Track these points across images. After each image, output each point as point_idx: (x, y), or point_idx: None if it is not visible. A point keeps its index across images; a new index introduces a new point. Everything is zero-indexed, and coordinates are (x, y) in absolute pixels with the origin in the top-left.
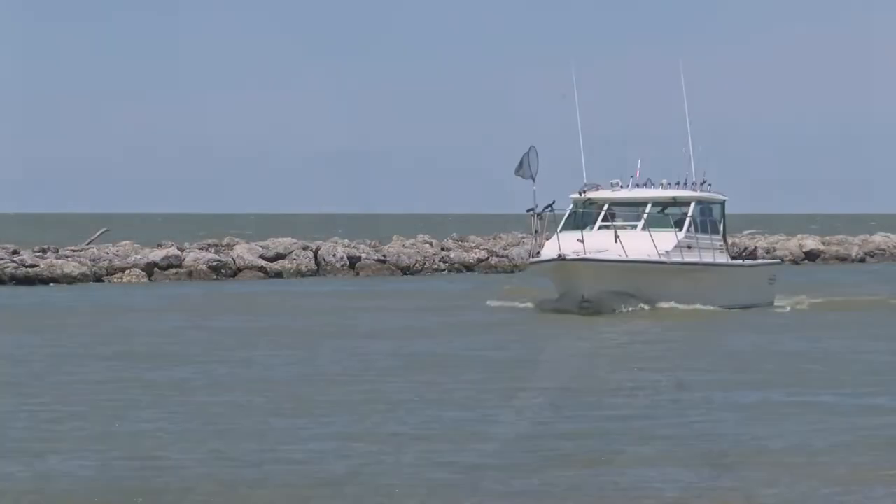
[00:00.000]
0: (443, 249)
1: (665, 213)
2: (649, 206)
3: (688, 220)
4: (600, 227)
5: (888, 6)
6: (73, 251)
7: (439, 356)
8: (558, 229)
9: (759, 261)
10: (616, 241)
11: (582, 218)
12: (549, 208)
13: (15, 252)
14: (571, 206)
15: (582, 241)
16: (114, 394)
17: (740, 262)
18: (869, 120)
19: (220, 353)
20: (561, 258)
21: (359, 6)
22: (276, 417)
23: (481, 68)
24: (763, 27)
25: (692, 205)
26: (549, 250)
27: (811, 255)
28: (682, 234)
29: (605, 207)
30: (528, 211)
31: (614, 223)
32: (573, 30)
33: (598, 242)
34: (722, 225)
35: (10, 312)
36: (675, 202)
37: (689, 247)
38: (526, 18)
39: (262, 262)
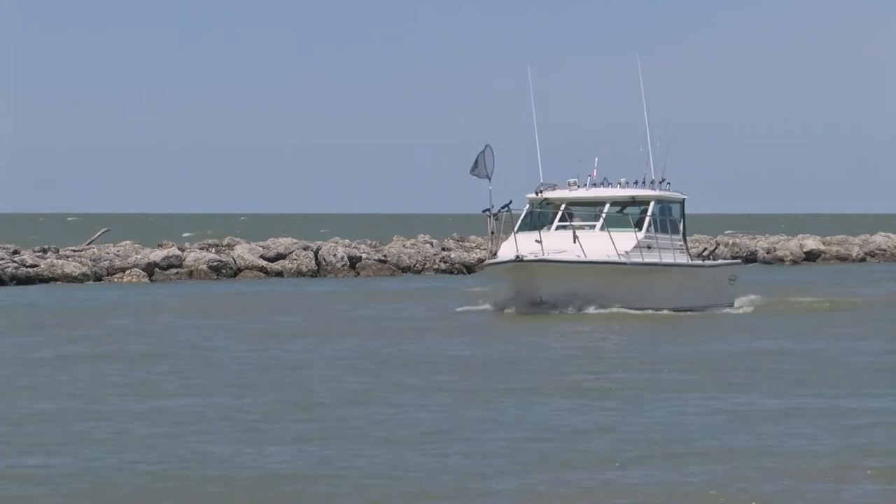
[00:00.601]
0: (443, 249)
1: (624, 213)
2: (607, 205)
3: (647, 219)
4: (558, 228)
5: (865, 7)
6: (74, 251)
7: (405, 357)
8: (514, 230)
9: (720, 261)
10: (575, 242)
11: (538, 218)
12: (506, 208)
13: (16, 252)
14: (527, 206)
15: (540, 241)
16: (80, 392)
17: (700, 262)
18: (848, 120)
19: (191, 352)
20: (519, 259)
21: (349, 8)
22: (240, 416)
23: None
24: (737, 28)
25: (651, 204)
26: (507, 251)
27: (812, 255)
28: (641, 234)
29: (563, 207)
30: (483, 211)
31: (572, 223)
32: (532, 30)
33: (556, 243)
34: (682, 224)
35: None
36: (634, 201)
37: (650, 247)
38: (486, 20)
39: (263, 263)
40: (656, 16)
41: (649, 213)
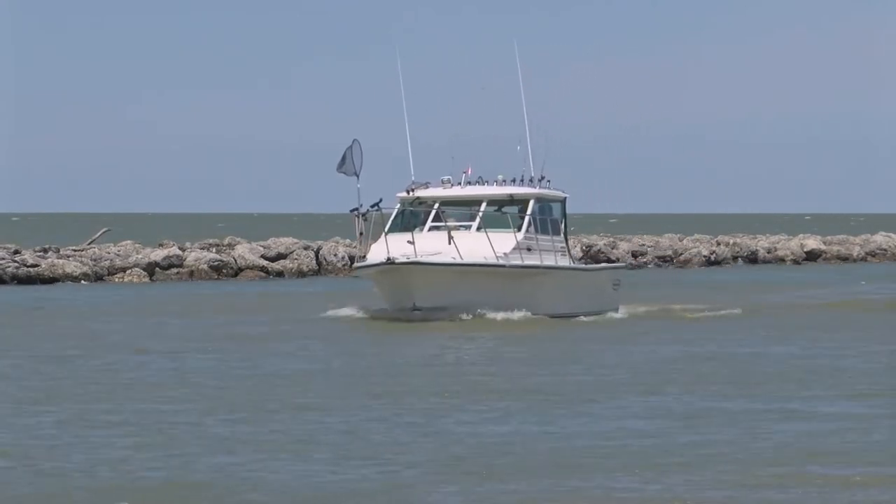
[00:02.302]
0: None
1: (502, 212)
2: (484, 204)
3: (527, 219)
4: (431, 228)
5: (865, 7)
6: (75, 251)
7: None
8: (385, 230)
9: (603, 264)
10: (450, 243)
11: (410, 218)
12: (376, 207)
13: (16, 252)
14: (399, 205)
15: (413, 242)
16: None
17: (583, 265)
18: (848, 120)
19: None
20: (390, 261)
21: (349, 8)
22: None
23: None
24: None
25: (531, 203)
26: (377, 254)
27: (812, 255)
28: (521, 235)
29: (436, 206)
30: (351, 211)
31: (447, 223)
32: (532, 30)
33: (430, 244)
34: (563, 225)
35: None
36: (513, 200)
37: (529, 248)
38: (486, 20)
39: (264, 262)
40: (656, 16)
41: (528, 212)
